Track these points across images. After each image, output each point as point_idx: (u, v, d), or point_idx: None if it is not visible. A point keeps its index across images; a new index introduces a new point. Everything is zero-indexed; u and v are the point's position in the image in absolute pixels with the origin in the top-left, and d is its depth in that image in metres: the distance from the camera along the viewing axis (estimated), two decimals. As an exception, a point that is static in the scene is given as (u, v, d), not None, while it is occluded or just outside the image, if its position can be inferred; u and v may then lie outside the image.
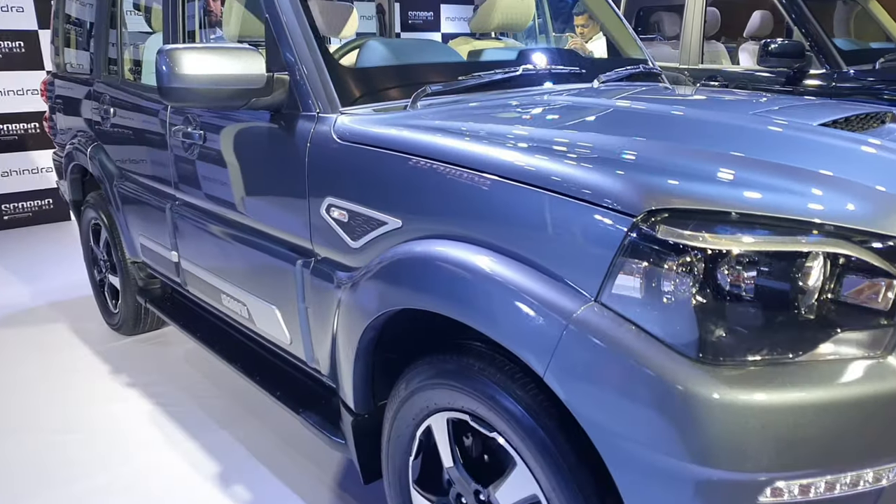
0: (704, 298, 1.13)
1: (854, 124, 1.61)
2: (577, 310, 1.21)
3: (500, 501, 1.45)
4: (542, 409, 1.32)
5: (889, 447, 1.13)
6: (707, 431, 1.08)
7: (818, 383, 1.11)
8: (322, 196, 1.80)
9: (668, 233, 1.15)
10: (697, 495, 1.10)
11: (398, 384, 1.66)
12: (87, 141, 3.30)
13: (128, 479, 2.33)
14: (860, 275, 1.15)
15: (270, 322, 2.13)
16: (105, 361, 3.23)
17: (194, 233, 2.51)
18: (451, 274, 1.42)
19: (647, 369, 1.13)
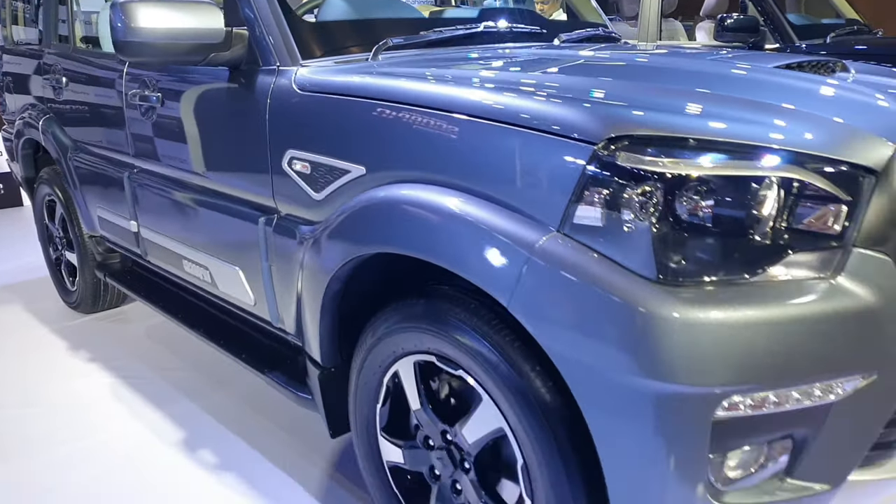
0: (663, 224, 1.16)
1: (807, 69, 1.66)
2: (539, 240, 1.23)
3: (467, 438, 1.46)
4: (506, 343, 1.34)
5: (838, 363, 1.17)
6: (667, 348, 1.11)
7: (771, 302, 1.14)
8: (283, 149, 1.78)
9: (628, 159, 1.17)
10: (658, 411, 1.13)
11: (365, 333, 1.67)
12: (39, 114, 3.21)
13: (89, 451, 2.28)
14: (812, 200, 1.19)
15: (234, 284, 2.11)
16: (63, 339, 3.16)
17: (154, 200, 2.47)
18: (416, 215, 1.43)
19: (609, 293, 1.15)
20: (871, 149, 1.21)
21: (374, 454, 1.72)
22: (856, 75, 1.68)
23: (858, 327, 1.17)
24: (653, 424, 1.14)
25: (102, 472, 2.16)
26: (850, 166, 1.19)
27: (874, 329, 1.18)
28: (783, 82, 1.49)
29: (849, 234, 1.19)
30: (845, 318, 1.16)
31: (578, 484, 1.27)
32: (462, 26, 2.03)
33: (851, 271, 1.18)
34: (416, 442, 1.62)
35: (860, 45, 4.35)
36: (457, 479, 1.53)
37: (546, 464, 1.30)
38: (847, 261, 1.18)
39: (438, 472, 1.58)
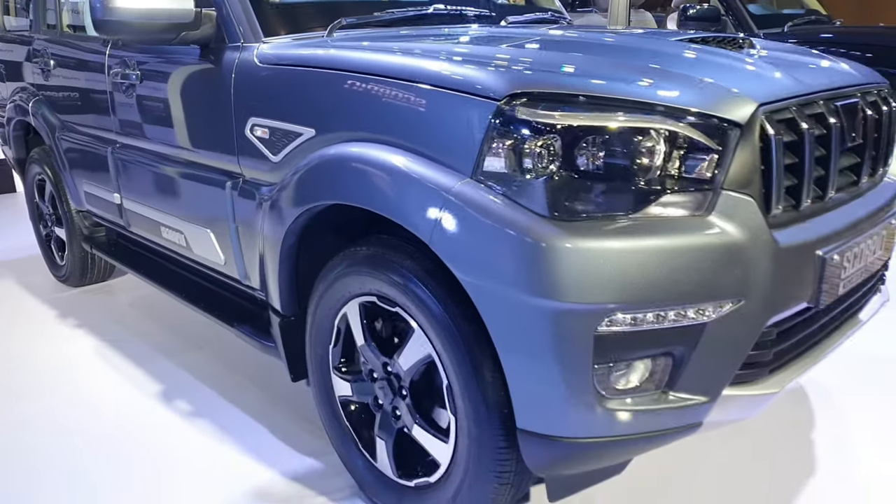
0: (557, 169, 1.35)
1: (711, 44, 1.85)
2: (454, 185, 1.43)
3: (403, 366, 1.66)
4: (432, 281, 1.53)
5: (709, 289, 1.36)
6: (557, 272, 1.30)
7: (648, 235, 1.34)
8: (246, 117, 1.98)
9: (527, 113, 1.37)
10: (550, 327, 1.32)
11: (317, 282, 1.86)
12: (29, 97, 3.39)
13: (73, 401, 2.48)
14: (686, 149, 1.38)
15: (206, 246, 2.30)
16: (52, 308, 3.35)
17: (135, 172, 2.66)
18: (354, 169, 1.62)
19: (512, 228, 1.35)
20: (737, 106, 1.41)
21: (327, 390, 1.92)
22: (760, 51, 1.87)
23: (726, 258, 1.37)
24: (546, 338, 1.34)
25: (85, 419, 2.35)
26: (719, 120, 1.39)
27: (740, 260, 1.38)
28: (673, 51, 1.70)
29: (718, 178, 1.38)
30: (714, 249, 1.36)
31: (490, 397, 1.47)
32: (411, 8, 2.22)
33: (720, 210, 1.38)
34: (362, 376, 1.82)
35: (825, 33, 4.55)
36: (396, 406, 1.73)
37: (464, 382, 1.50)
38: (717, 201, 1.39)
39: (381, 400, 1.77)
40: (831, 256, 1.53)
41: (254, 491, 1.94)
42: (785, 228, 1.47)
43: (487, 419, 1.48)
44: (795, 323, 1.60)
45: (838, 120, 1.60)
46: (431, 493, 1.67)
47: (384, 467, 1.79)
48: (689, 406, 1.44)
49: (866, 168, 1.76)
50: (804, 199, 1.51)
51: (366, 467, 1.85)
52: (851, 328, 1.82)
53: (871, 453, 2.06)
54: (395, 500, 1.77)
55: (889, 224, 1.82)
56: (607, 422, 1.39)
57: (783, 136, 1.45)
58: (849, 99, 1.68)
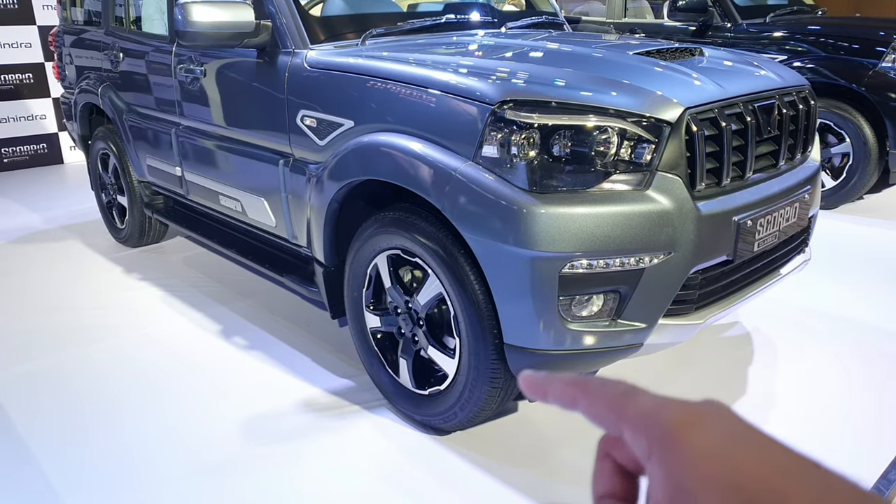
0: (535, 156, 1.86)
1: (665, 55, 2.34)
2: (460, 166, 1.94)
3: (420, 301, 2.19)
4: (443, 237, 2.06)
5: (645, 243, 1.88)
6: (533, 229, 1.82)
7: (601, 203, 1.85)
8: (298, 109, 2.49)
9: (514, 115, 1.87)
10: (528, 269, 1.84)
11: (353, 240, 2.39)
12: (97, 82, 3.91)
13: (147, 338, 3.04)
14: (631, 141, 1.89)
15: (259, 211, 2.83)
16: (116, 264, 3.91)
17: (196, 150, 3.19)
18: (385, 152, 2.14)
19: (502, 198, 1.86)
20: (669, 109, 1.91)
21: (360, 324, 2.46)
22: (704, 60, 2.36)
23: (659, 221, 1.88)
24: (526, 277, 1.86)
25: (158, 353, 2.91)
26: (656, 120, 1.89)
27: (670, 222, 1.89)
28: (629, 64, 2.19)
29: (654, 162, 1.89)
30: (650, 214, 1.87)
31: (485, 322, 2.00)
32: (428, 18, 2.72)
33: (656, 186, 1.89)
34: (388, 311, 2.36)
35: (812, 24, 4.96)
36: (415, 333, 2.27)
37: (466, 311, 2.02)
38: (653, 180, 1.89)
39: (403, 329, 2.31)
40: (745, 222, 2.04)
41: (301, 402, 2.50)
42: (708, 200, 1.97)
43: (483, 338, 2.01)
44: (720, 272, 2.11)
45: (754, 117, 2.09)
46: (441, 398, 2.21)
47: (405, 381, 2.33)
48: (632, 330, 1.96)
49: (783, 154, 2.25)
50: (725, 178, 2.02)
51: (391, 382, 2.40)
52: (771, 280, 2.33)
53: (790, 387, 2.59)
54: (413, 406, 2.32)
55: (802, 198, 2.32)
56: (570, 339, 1.92)
57: (705, 131, 1.95)
58: (766, 100, 2.17)
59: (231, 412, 2.46)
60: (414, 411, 2.33)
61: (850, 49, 4.52)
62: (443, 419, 2.23)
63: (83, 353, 2.92)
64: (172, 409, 2.50)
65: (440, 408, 2.22)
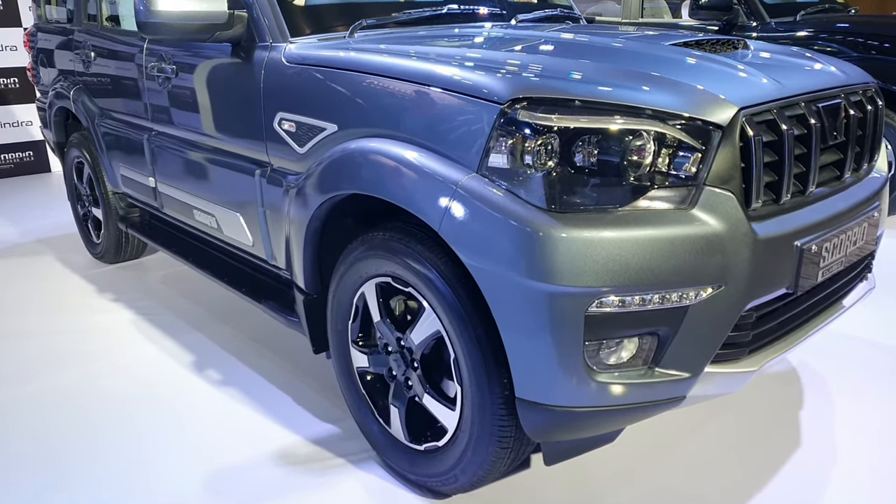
0: (553, 166, 1.50)
1: (705, 47, 1.98)
2: (461, 179, 1.58)
3: (415, 340, 1.83)
4: (442, 264, 1.70)
5: (691, 275, 1.51)
6: (552, 258, 1.46)
7: (636, 225, 1.49)
8: (275, 111, 2.14)
9: (527, 115, 1.52)
10: (546, 307, 1.48)
11: (338, 264, 2.03)
12: (70, 85, 3.59)
13: (112, 368, 2.69)
14: (672, 148, 1.53)
15: (235, 228, 2.48)
16: (89, 283, 3.58)
17: (169, 158, 2.85)
18: (374, 161, 1.78)
19: (512, 218, 1.51)
20: (719, 110, 1.54)
21: (346, 362, 2.10)
22: (751, 53, 2.00)
23: (707, 247, 1.51)
24: (542, 318, 1.50)
25: (123, 385, 2.57)
26: (703, 123, 1.53)
27: (720, 249, 1.52)
28: (665, 56, 1.83)
29: (701, 175, 1.53)
30: (697, 240, 1.51)
31: (492, 370, 1.64)
32: (426, 8, 2.37)
33: (703, 204, 1.53)
34: (377, 349, 2.00)
35: (840, 22, 4.60)
36: (408, 377, 1.91)
37: (469, 355, 1.66)
38: (700, 196, 1.53)
39: (395, 371, 1.95)
40: (809, 247, 1.67)
41: (277, 452, 2.14)
42: (764, 221, 1.61)
43: (490, 389, 1.65)
44: (776, 307, 1.75)
45: (819, 120, 1.73)
46: (439, 456, 1.85)
47: (397, 432, 1.97)
48: (673, 381, 1.59)
49: (849, 164, 1.89)
50: (784, 194, 1.65)
51: (380, 432, 2.03)
52: (834, 313, 1.96)
53: (855, 437, 2.21)
54: (406, 463, 1.95)
55: (871, 216, 1.95)
56: (597, 393, 1.56)
57: (763, 136, 1.59)
58: (831, 100, 1.80)
59: (196, 462, 2.11)
60: (407, 469, 1.96)
61: (884, 48, 4.16)
62: (441, 481, 1.87)
63: (44, 385, 2.58)
64: (130, 455, 2.15)
65: (438, 468, 1.86)
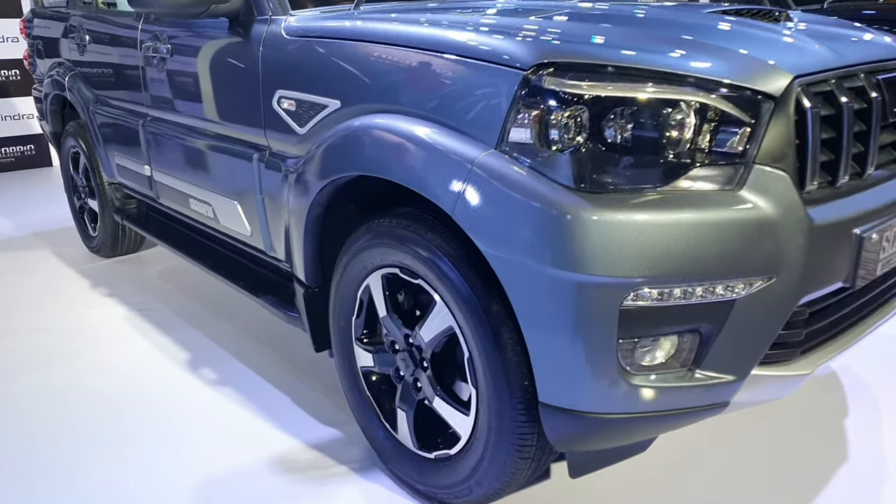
0: (583, 140, 1.32)
1: (745, 16, 1.79)
2: (478, 157, 1.41)
3: (424, 337, 1.65)
4: (454, 252, 1.52)
5: (739, 265, 1.33)
6: (582, 244, 1.28)
7: (677, 208, 1.31)
8: (273, 89, 1.97)
9: (554, 83, 1.34)
10: (574, 300, 1.30)
11: (341, 254, 1.86)
12: (65, 71, 3.44)
13: (103, 366, 2.53)
14: (718, 122, 1.34)
15: (232, 217, 2.32)
16: (84, 277, 3.42)
17: (165, 145, 2.69)
18: (379, 140, 1.61)
19: (537, 199, 1.33)
20: (771, 78, 1.36)
21: (349, 361, 1.92)
22: (797, 23, 1.81)
23: (757, 234, 1.33)
24: (570, 312, 1.32)
25: (112, 384, 2.40)
26: (752, 92, 1.35)
27: (772, 236, 1.34)
28: (706, 23, 1.64)
29: (750, 152, 1.34)
30: (745, 225, 1.32)
31: (512, 370, 1.46)
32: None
33: (752, 185, 1.34)
34: (384, 347, 1.82)
35: (867, 10, 4.39)
36: (417, 378, 1.73)
37: (486, 355, 1.49)
38: (748, 176, 1.34)
39: (402, 372, 1.77)
40: (869, 235, 1.49)
41: (274, 458, 1.97)
42: (820, 205, 1.42)
43: (509, 392, 1.47)
44: (830, 303, 1.56)
45: (880, 94, 1.54)
46: (451, 466, 1.67)
47: (404, 438, 1.80)
48: (715, 385, 1.41)
49: (909, 145, 1.70)
50: (841, 175, 1.46)
51: (386, 438, 1.86)
52: (889, 312, 1.77)
53: (903, 441, 2.02)
54: (414, 472, 1.78)
55: (931, 204, 1.75)
56: (631, 398, 1.37)
57: (820, 109, 1.40)
58: (892, 72, 1.61)
59: (187, 468, 1.94)
60: (416, 479, 1.79)
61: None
62: (453, 493, 1.69)
63: (29, 383, 2.42)
64: (115, 460, 1.98)
65: (450, 478, 1.68)
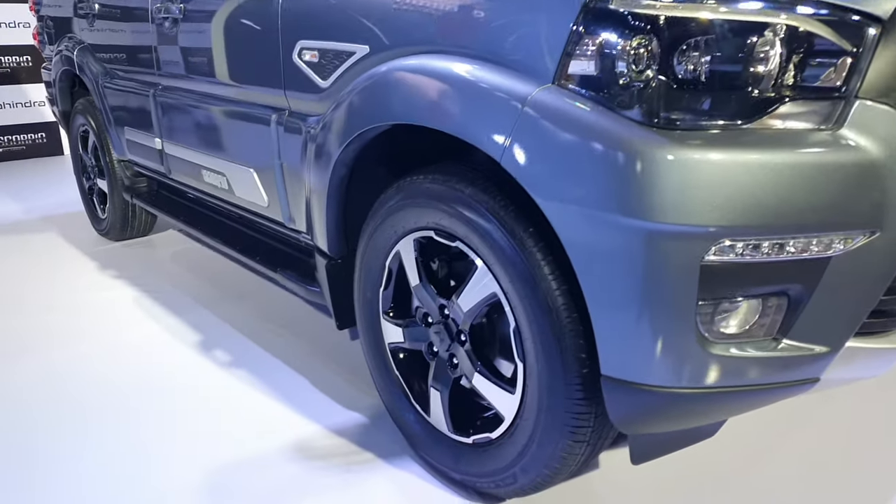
0: (657, 70, 1.14)
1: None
2: (531, 92, 1.22)
3: (463, 307, 1.47)
4: (500, 208, 1.34)
5: (837, 217, 1.14)
6: (658, 187, 1.09)
7: (768, 147, 1.12)
8: (294, 41, 1.80)
9: (622, 3, 1.15)
10: (648, 253, 1.11)
11: (367, 220, 1.68)
12: (75, 45, 3.29)
13: (108, 348, 2.37)
14: (814, 50, 1.15)
15: (249, 187, 2.15)
16: (92, 260, 3.27)
17: (177, 115, 2.53)
18: (413, 81, 1.43)
19: (603, 138, 1.14)
20: (877, -4, 1.17)
21: (376, 337, 1.74)
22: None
23: (860, 180, 1.14)
24: (643, 267, 1.13)
25: (118, 366, 2.24)
26: (855, 14, 1.15)
27: (877, 183, 1.14)
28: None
29: (852, 85, 1.15)
30: (846, 169, 1.13)
31: (566, 340, 1.27)
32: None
33: (854, 123, 1.15)
34: (415, 320, 1.64)
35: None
36: (453, 353, 1.55)
37: (536, 323, 1.30)
38: (849, 112, 1.15)
39: (436, 347, 1.59)
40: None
41: (293, 444, 1.79)
42: (931, 150, 1.22)
43: (563, 366, 1.28)
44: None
45: None
46: (493, 451, 1.48)
47: (438, 422, 1.61)
48: (804, 357, 1.22)
49: None
50: (951, 116, 1.26)
51: (417, 422, 1.67)
52: None
53: None
54: (449, 458, 1.59)
55: None
56: (709, 370, 1.18)
57: (932, 36, 1.20)
58: None
59: (200, 456, 1.76)
60: (451, 466, 1.60)
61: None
62: (494, 482, 1.50)
63: (31, 365, 2.26)
64: (121, 446, 1.81)
65: (491, 465, 1.49)
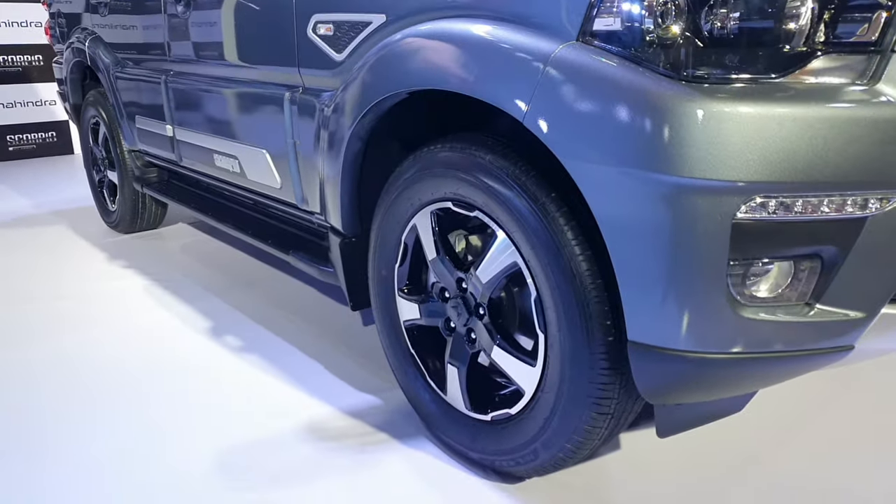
0: (686, 25, 1.10)
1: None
2: (555, 49, 1.19)
3: (482, 279, 1.43)
4: (521, 174, 1.31)
5: (874, 175, 1.10)
6: (688, 141, 1.05)
7: (801, 101, 1.08)
8: (309, 15, 1.78)
9: (649, -44, 1.12)
10: (677, 209, 1.07)
11: (382, 194, 1.65)
12: (86, 36, 3.29)
13: (119, 334, 2.34)
14: (848, 4, 1.12)
15: (261, 169, 2.12)
16: (102, 251, 3.25)
17: (188, 100, 2.51)
18: (429, 46, 1.41)
19: (631, 93, 1.11)
20: (915, -55, 1.13)
21: (391, 315, 1.71)
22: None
23: (896, 137, 1.10)
24: (672, 225, 1.09)
25: (129, 351, 2.21)
26: (891, -35, 1.12)
27: (915, 140, 1.10)
28: None
29: (888, 38, 1.11)
30: (883, 125, 1.09)
31: (591, 306, 1.23)
32: None
33: (891, 78, 1.11)
34: (431, 296, 1.60)
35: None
36: (472, 328, 1.51)
37: (559, 290, 1.26)
38: (884, 67, 1.11)
39: (454, 322, 1.55)
40: None
41: (306, 426, 1.75)
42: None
43: (587, 334, 1.24)
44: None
45: None
46: (512, 427, 1.44)
47: (454, 400, 1.57)
48: (838, 323, 1.17)
49: None
50: None
51: (433, 401, 1.63)
52: None
53: None
54: (466, 437, 1.55)
55: None
56: (740, 335, 1.14)
57: (970, -12, 1.16)
58: None
59: (211, 438, 1.73)
60: (468, 445, 1.56)
61: None
62: (514, 460, 1.46)
63: (43, 350, 2.24)
64: (132, 428, 1.78)
65: (510, 442, 1.45)
